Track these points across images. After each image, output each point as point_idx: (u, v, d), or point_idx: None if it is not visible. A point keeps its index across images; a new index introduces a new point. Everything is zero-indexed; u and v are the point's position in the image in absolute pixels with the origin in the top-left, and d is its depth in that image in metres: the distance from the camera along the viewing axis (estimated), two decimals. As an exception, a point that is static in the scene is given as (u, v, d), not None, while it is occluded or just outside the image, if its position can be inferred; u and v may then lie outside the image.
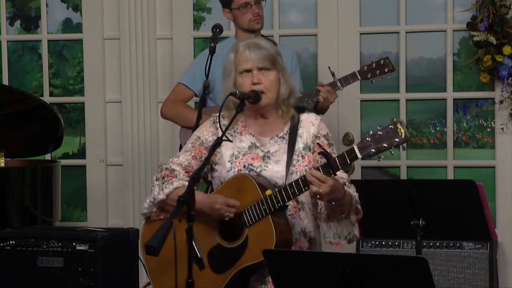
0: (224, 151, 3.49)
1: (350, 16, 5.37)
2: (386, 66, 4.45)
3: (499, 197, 5.26)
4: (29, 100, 5.24)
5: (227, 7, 4.56)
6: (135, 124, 5.61)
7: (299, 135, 3.47)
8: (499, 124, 5.23)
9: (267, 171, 3.43)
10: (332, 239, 3.37)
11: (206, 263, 3.36)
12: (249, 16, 4.51)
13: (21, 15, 5.86)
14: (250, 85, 3.40)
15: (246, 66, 3.41)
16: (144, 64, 5.59)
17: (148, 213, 3.51)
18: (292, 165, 3.41)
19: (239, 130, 3.52)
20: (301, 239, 3.44)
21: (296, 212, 3.43)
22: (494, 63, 5.08)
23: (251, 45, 3.44)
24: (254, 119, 3.51)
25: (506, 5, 5.09)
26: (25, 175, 5.06)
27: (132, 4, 5.58)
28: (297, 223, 3.42)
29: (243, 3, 4.50)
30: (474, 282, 4.75)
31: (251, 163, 3.45)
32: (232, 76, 3.46)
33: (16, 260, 4.46)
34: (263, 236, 3.29)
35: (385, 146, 3.10)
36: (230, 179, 3.42)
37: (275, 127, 3.51)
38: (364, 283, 2.75)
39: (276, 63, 3.44)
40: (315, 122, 3.49)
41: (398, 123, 3.10)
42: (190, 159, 3.51)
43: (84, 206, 5.79)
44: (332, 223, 3.35)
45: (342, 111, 5.34)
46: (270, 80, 3.42)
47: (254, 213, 3.31)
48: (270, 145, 3.48)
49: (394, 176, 5.42)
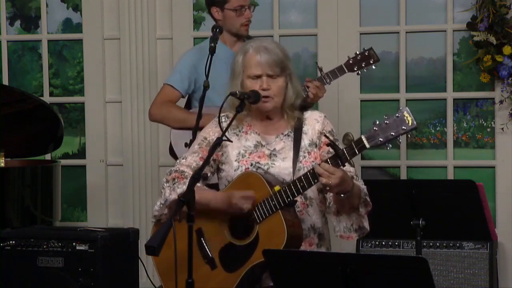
0: (230, 150, 3.51)
1: (350, 16, 5.38)
2: (371, 57, 4.44)
3: (499, 197, 5.26)
4: (29, 100, 5.24)
5: (219, 6, 4.50)
6: (135, 124, 5.61)
7: (304, 132, 3.49)
8: (499, 124, 5.24)
9: (275, 168, 3.45)
10: (342, 233, 3.37)
11: (218, 262, 3.37)
12: (241, 20, 4.48)
13: (21, 15, 5.86)
14: (259, 90, 3.43)
15: (257, 72, 3.44)
16: (144, 64, 5.59)
17: (159, 215, 3.50)
18: (298, 161, 3.43)
19: (244, 129, 3.55)
20: (310, 235, 3.45)
21: (305, 208, 3.45)
22: (494, 63, 5.09)
23: (261, 49, 3.45)
24: (260, 120, 3.54)
25: (506, 5, 5.09)
26: (25, 175, 5.06)
27: (132, 4, 5.59)
28: (306, 219, 3.44)
29: (239, 6, 4.47)
30: (474, 282, 4.75)
31: (258, 161, 3.47)
32: (240, 78, 3.47)
33: (16, 260, 4.46)
34: (274, 232, 3.29)
35: (392, 134, 3.10)
36: (238, 177, 3.44)
37: (280, 126, 3.53)
38: (364, 283, 2.75)
39: (285, 68, 3.47)
40: (320, 119, 3.52)
41: (405, 111, 3.11)
42: (198, 160, 3.52)
43: (84, 206, 5.79)
44: (341, 216, 3.36)
45: (342, 111, 5.34)
46: (278, 86, 3.45)
47: (264, 209, 3.32)
48: (275, 143, 3.50)
49: (394, 176, 5.42)
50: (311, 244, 3.45)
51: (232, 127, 3.50)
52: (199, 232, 3.38)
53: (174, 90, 4.54)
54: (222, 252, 3.40)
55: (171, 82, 4.56)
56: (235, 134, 3.52)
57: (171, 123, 4.53)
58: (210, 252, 3.37)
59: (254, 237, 3.34)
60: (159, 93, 4.62)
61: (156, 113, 4.57)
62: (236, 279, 3.34)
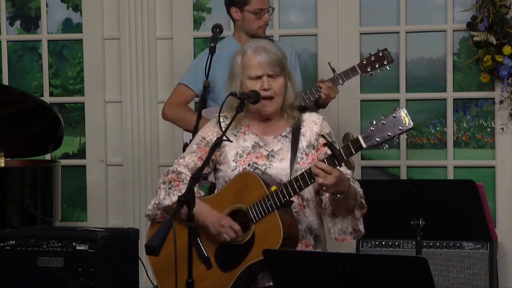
0: (228, 150, 3.51)
1: (350, 16, 5.37)
2: (385, 58, 4.45)
3: (499, 197, 5.26)
4: (29, 100, 5.24)
5: (238, 7, 4.52)
6: (135, 124, 5.61)
7: (302, 133, 3.50)
8: (499, 124, 5.23)
9: (272, 169, 3.45)
10: (337, 235, 3.38)
11: (214, 262, 3.37)
12: (260, 23, 4.50)
13: (21, 15, 5.86)
14: (260, 90, 3.43)
15: (257, 73, 3.45)
16: (144, 64, 5.59)
17: (152, 215, 3.50)
18: (296, 162, 3.44)
19: (242, 130, 3.55)
20: (307, 236, 3.45)
21: (302, 210, 3.45)
22: (494, 63, 5.09)
23: (259, 49, 3.46)
24: (258, 121, 3.54)
25: (506, 5, 5.09)
26: (25, 175, 5.06)
27: (132, 4, 5.58)
28: (303, 220, 3.44)
29: (259, 9, 4.48)
30: (474, 282, 4.75)
31: (256, 161, 3.47)
32: (239, 78, 3.48)
33: (16, 260, 4.46)
34: (270, 231, 3.29)
35: (389, 134, 3.11)
36: (235, 177, 3.44)
37: (278, 127, 3.54)
38: (364, 283, 2.75)
39: (284, 68, 3.49)
40: (318, 121, 3.52)
41: (402, 111, 3.11)
42: (196, 160, 3.52)
43: (84, 206, 5.79)
44: (337, 218, 3.36)
45: (342, 111, 5.34)
46: (279, 85, 3.47)
47: (260, 209, 3.32)
48: (273, 144, 3.50)
49: (394, 176, 5.42)
50: (307, 246, 3.45)
51: (231, 127, 3.49)
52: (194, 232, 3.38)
53: (188, 89, 4.57)
54: (218, 251, 3.40)
55: (186, 82, 4.58)
56: (233, 134, 3.52)
57: (182, 125, 4.56)
58: (205, 252, 3.37)
59: (250, 236, 3.34)
60: (174, 93, 4.63)
61: (169, 113, 4.61)
62: (232, 278, 3.34)
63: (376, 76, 4.59)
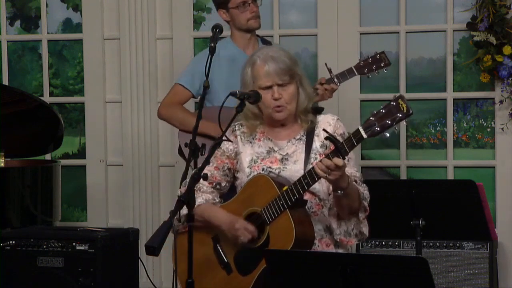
0: (243, 157, 3.54)
1: (350, 16, 5.38)
2: (382, 61, 4.44)
3: (499, 197, 5.26)
4: (29, 100, 5.23)
5: (223, 7, 4.51)
6: (135, 124, 5.61)
7: (316, 134, 3.50)
8: (499, 124, 5.24)
9: (286, 171, 3.46)
10: (342, 237, 3.40)
11: (233, 267, 3.40)
12: (247, 15, 4.48)
13: (21, 15, 5.86)
14: (271, 100, 3.44)
15: (267, 83, 3.44)
16: (144, 64, 5.59)
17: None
18: (309, 163, 3.44)
19: (257, 136, 3.57)
20: (326, 235, 3.46)
21: (320, 209, 3.46)
22: (494, 63, 5.09)
23: (267, 59, 3.45)
24: (272, 127, 3.56)
25: (506, 5, 5.09)
26: (25, 175, 5.06)
27: (132, 4, 5.58)
28: (321, 220, 3.44)
29: (241, 2, 4.46)
30: (474, 282, 4.75)
31: (270, 166, 3.49)
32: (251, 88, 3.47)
33: (16, 260, 4.46)
34: (282, 231, 3.30)
35: (388, 123, 3.10)
36: (248, 181, 3.46)
37: (293, 131, 3.55)
38: (364, 283, 2.75)
39: (294, 75, 3.47)
40: (332, 122, 3.52)
41: (399, 99, 3.10)
42: (212, 170, 3.54)
43: (84, 206, 5.79)
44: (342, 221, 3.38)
45: (342, 111, 5.33)
46: (289, 93, 3.46)
47: (272, 209, 3.33)
48: (287, 147, 3.51)
49: (394, 176, 5.42)
50: (328, 245, 3.46)
51: (246, 135, 3.54)
52: (215, 239, 3.45)
53: (185, 90, 4.56)
54: (237, 256, 3.43)
55: (182, 82, 4.57)
56: (248, 141, 3.55)
57: (178, 125, 4.55)
58: (225, 257, 3.40)
59: (265, 238, 3.35)
60: (170, 92, 4.62)
61: (163, 112, 4.60)
62: (251, 281, 3.36)
63: (376, 76, 4.58)
